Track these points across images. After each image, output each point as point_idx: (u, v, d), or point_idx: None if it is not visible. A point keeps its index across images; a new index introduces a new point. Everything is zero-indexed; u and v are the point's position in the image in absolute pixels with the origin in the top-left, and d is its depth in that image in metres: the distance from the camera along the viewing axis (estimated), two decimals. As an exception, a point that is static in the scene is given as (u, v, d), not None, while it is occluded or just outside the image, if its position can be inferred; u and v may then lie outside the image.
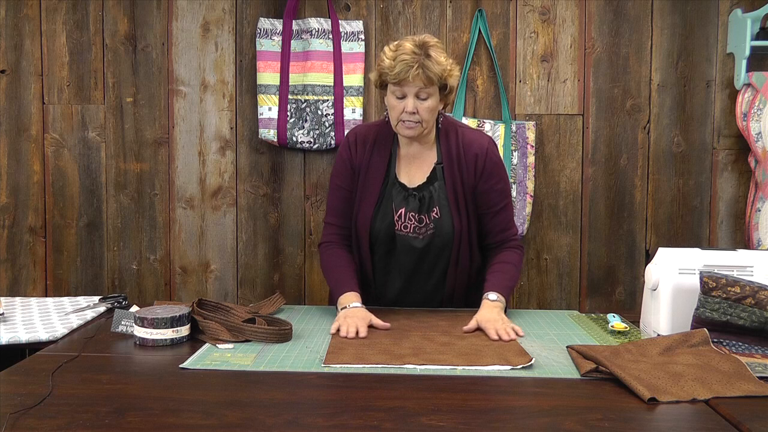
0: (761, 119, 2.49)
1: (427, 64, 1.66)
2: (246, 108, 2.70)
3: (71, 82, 2.70)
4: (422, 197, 1.80)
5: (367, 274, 1.88)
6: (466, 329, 1.63)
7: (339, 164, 1.88)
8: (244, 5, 2.68)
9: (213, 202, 2.74)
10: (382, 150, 1.84)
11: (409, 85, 1.68)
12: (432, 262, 1.84)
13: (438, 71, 1.67)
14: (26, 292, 2.74)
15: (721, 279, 1.46)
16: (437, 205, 1.80)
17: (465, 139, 1.83)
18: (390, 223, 1.81)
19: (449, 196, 1.80)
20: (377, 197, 1.81)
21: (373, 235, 1.82)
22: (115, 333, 1.59)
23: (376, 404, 1.16)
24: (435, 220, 1.80)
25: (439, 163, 1.82)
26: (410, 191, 1.81)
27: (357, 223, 1.84)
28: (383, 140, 1.84)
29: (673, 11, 2.66)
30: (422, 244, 1.80)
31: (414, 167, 1.84)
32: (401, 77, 1.66)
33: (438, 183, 1.81)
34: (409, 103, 1.69)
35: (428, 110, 1.71)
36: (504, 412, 1.14)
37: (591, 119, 2.70)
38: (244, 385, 1.25)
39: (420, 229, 1.80)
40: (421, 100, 1.70)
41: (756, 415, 1.11)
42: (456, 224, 1.80)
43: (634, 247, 2.73)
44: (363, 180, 1.83)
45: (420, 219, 1.80)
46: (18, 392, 1.18)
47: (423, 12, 2.67)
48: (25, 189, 2.72)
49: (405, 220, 1.80)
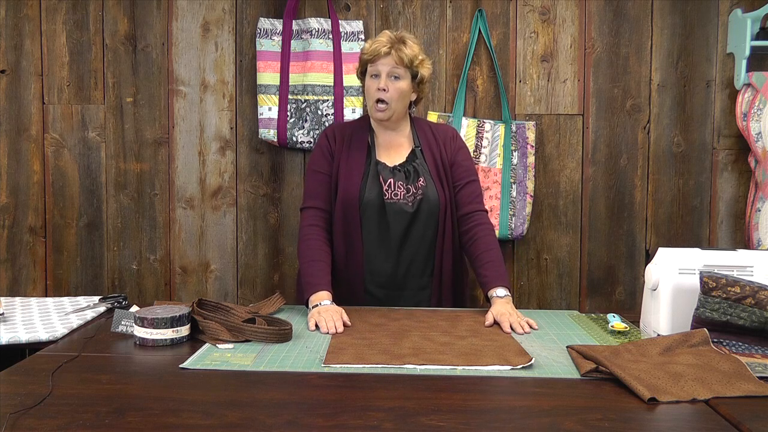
0: (761, 119, 2.49)
1: (400, 47, 1.88)
2: (246, 108, 2.70)
3: (71, 82, 2.70)
4: (407, 171, 1.94)
5: (356, 251, 1.93)
6: (487, 324, 1.70)
7: (317, 152, 2.01)
8: (244, 5, 2.68)
9: (213, 202, 2.74)
10: (360, 138, 1.99)
11: (382, 63, 1.88)
12: (421, 231, 1.92)
13: (410, 54, 1.88)
14: (26, 292, 2.74)
15: (721, 279, 1.46)
16: (422, 176, 1.93)
17: (436, 127, 2.05)
18: (378, 192, 1.90)
19: (431, 170, 1.96)
20: (362, 172, 1.93)
21: (362, 205, 1.90)
22: (115, 333, 1.59)
23: (376, 404, 1.16)
24: (422, 187, 1.92)
25: (417, 146, 1.99)
26: (395, 168, 1.95)
27: (345, 195, 1.91)
28: (360, 131, 2.01)
29: (673, 11, 2.66)
30: (412, 209, 1.91)
31: (392, 151, 1.99)
32: (375, 53, 1.87)
33: (419, 161, 1.97)
34: (382, 80, 1.88)
35: (398, 91, 1.89)
36: (504, 412, 1.14)
37: (591, 119, 2.70)
38: (244, 385, 1.25)
39: (408, 196, 1.91)
40: (393, 79, 1.89)
41: (756, 415, 1.11)
42: (440, 194, 1.93)
43: (634, 247, 2.73)
44: (345, 162, 1.95)
45: (407, 189, 1.92)
46: (18, 392, 1.19)
47: (423, 12, 2.67)
48: (25, 189, 2.72)
49: (395, 188, 1.91)
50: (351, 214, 1.91)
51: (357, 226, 1.91)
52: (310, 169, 2.01)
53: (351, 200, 1.91)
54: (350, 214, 1.91)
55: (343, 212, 1.92)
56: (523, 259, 2.74)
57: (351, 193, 1.91)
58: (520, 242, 2.72)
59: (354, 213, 1.91)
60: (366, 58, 1.91)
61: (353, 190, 1.91)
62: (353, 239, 1.92)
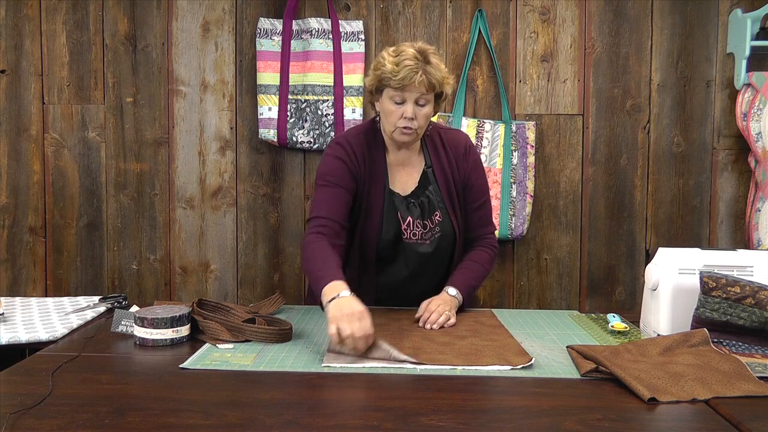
0: (761, 119, 2.49)
1: (429, 70, 1.68)
2: (246, 108, 2.70)
3: (71, 82, 2.70)
4: (422, 203, 1.82)
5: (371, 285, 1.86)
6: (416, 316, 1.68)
7: (333, 163, 1.77)
8: (244, 5, 2.68)
9: (213, 202, 2.74)
10: (376, 159, 1.82)
11: (411, 91, 1.69)
12: (435, 268, 1.86)
13: (438, 77, 1.70)
14: (26, 292, 2.74)
15: (721, 279, 1.46)
16: (437, 209, 1.82)
17: (448, 138, 1.87)
18: (397, 232, 1.80)
19: (444, 198, 1.83)
20: (381, 206, 1.79)
21: (380, 246, 1.80)
22: (115, 333, 1.59)
23: (376, 404, 1.16)
24: (439, 223, 1.82)
25: (429, 167, 1.84)
26: (409, 199, 1.82)
27: (363, 235, 1.80)
28: (375, 149, 1.82)
29: (673, 11, 2.66)
30: (430, 249, 1.82)
31: (404, 174, 1.85)
32: (406, 82, 1.66)
33: (432, 186, 1.83)
34: (408, 108, 1.70)
35: (425, 117, 1.74)
36: (504, 412, 1.14)
37: (591, 119, 2.70)
38: (244, 385, 1.25)
39: (426, 234, 1.82)
40: (420, 106, 1.72)
41: (756, 415, 1.11)
42: (455, 225, 1.84)
43: (634, 247, 2.73)
44: (366, 191, 1.79)
45: (424, 225, 1.82)
46: (18, 392, 1.18)
47: (423, 12, 2.67)
48: (25, 189, 2.72)
49: (413, 227, 1.81)
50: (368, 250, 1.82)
51: (372, 261, 1.83)
52: (323, 180, 1.77)
53: (369, 238, 1.79)
54: (367, 250, 1.82)
55: (361, 246, 1.82)
56: (523, 259, 2.74)
57: (370, 230, 1.79)
58: (520, 242, 2.72)
59: (371, 251, 1.81)
60: (393, 85, 1.68)
61: (373, 227, 1.78)
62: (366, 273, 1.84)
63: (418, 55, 1.68)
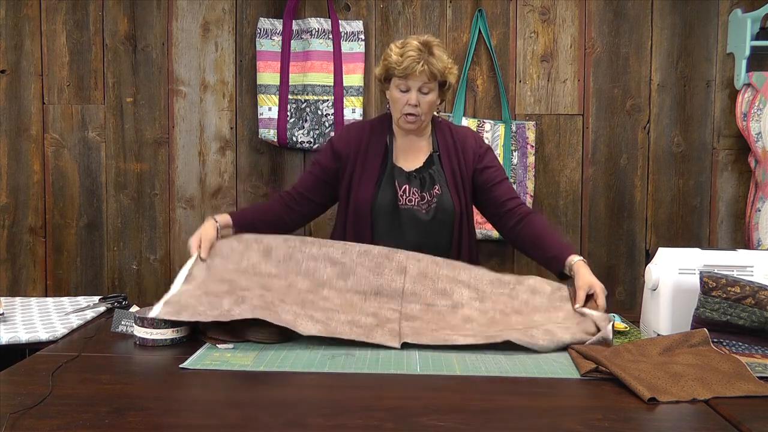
0: (761, 119, 2.49)
1: (431, 60, 1.83)
2: (246, 108, 2.70)
3: (71, 82, 2.70)
4: (423, 177, 1.92)
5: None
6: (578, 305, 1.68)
7: (324, 147, 2.02)
8: (244, 5, 2.68)
9: (213, 202, 2.73)
10: (378, 139, 1.96)
11: (414, 79, 1.83)
12: (435, 240, 1.89)
13: (440, 67, 1.84)
14: (26, 292, 2.74)
15: (721, 279, 1.46)
16: (437, 183, 1.91)
17: (457, 132, 2.01)
18: (392, 198, 1.88)
19: (447, 178, 1.92)
20: (377, 177, 1.90)
21: (374, 210, 1.88)
22: (115, 333, 1.59)
23: (376, 404, 1.16)
24: (437, 195, 1.90)
25: (436, 152, 1.96)
26: (411, 173, 1.92)
27: (358, 199, 1.89)
28: (379, 132, 1.98)
29: (673, 11, 2.66)
30: (428, 217, 1.89)
31: (410, 155, 1.96)
32: (408, 71, 1.82)
33: (435, 167, 1.93)
34: (412, 96, 1.85)
35: (428, 104, 1.87)
36: (504, 412, 1.14)
37: (591, 119, 2.70)
38: (244, 385, 1.25)
39: (422, 203, 1.90)
40: (423, 94, 1.86)
41: (756, 415, 1.11)
42: (455, 203, 1.90)
43: (634, 247, 2.73)
44: (360, 165, 1.93)
45: (422, 196, 1.90)
46: (18, 392, 1.18)
47: (423, 12, 2.67)
48: (25, 189, 2.72)
49: (409, 194, 1.89)
50: (363, 220, 1.88)
51: (368, 231, 1.88)
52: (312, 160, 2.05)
53: (363, 204, 1.88)
54: (362, 219, 1.88)
55: (355, 217, 1.89)
56: (524, 259, 2.74)
57: (364, 197, 1.88)
58: (520, 242, 2.72)
59: (366, 218, 1.88)
60: (397, 74, 1.84)
61: (366, 194, 1.88)
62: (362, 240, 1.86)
63: (422, 46, 1.83)
